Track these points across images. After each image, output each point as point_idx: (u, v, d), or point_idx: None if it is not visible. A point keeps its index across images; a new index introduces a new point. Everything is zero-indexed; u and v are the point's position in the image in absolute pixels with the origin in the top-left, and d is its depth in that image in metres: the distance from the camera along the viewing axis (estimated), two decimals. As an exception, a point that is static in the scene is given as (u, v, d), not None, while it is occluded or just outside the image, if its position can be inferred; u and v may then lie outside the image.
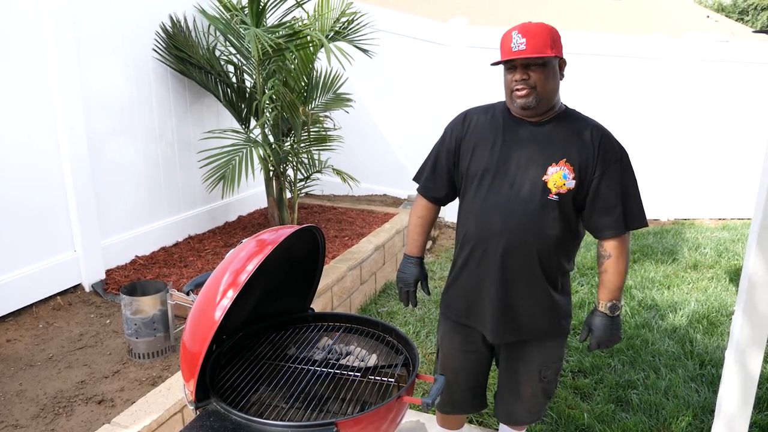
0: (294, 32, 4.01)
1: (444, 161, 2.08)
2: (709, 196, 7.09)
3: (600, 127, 1.95)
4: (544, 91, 1.84)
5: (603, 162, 1.88)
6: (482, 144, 1.97)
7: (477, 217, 1.98)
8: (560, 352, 2.14)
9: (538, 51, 1.77)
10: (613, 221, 1.91)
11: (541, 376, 2.11)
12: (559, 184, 1.87)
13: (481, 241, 1.97)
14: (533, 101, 1.84)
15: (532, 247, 1.92)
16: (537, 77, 1.82)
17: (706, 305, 4.37)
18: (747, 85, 6.74)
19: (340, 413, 1.61)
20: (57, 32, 3.33)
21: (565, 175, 1.87)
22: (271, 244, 1.53)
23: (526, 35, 1.78)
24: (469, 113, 2.07)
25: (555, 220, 1.90)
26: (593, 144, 1.89)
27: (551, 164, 1.88)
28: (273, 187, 4.56)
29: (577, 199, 1.91)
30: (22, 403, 2.50)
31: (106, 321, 3.28)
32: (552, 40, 1.81)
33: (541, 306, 2.01)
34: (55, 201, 3.45)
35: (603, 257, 1.96)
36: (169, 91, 4.34)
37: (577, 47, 6.56)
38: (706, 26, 14.10)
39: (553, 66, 1.84)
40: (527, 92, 1.83)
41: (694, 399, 3.12)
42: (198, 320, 1.49)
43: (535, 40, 1.78)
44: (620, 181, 1.90)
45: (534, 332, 2.05)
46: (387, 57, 5.80)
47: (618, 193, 1.90)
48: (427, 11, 9.75)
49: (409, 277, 2.18)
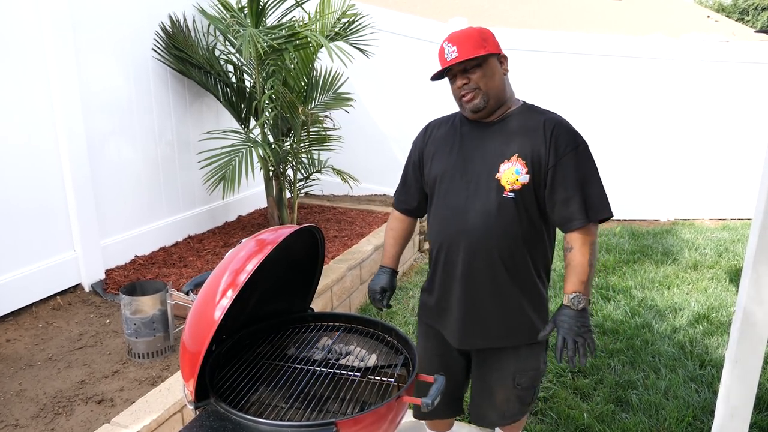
0: (293, 33, 4.01)
1: (411, 173, 2.13)
2: (709, 196, 7.09)
3: (554, 117, 1.91)
4: (489, 89, 1.86)
5: (556, 152, 1.83)
6: (441, 150, 1.99)
7: (438, 220, 1.99)
8: (537, 359, 2.07)
9: (470, 53, 1.80)
10: (572, 212, 1.84)
11: (515, 383, 2.05)
12: (512, 181, 1.84)
13: (443, 243, 1.97)
14: (481, 102, 1.86)
15: (492, 247, 1.88)
16: (478, 78, 1.84)
17: (706, 305, 4.37)
18: (747, 85, 6.74)
19: (339, 413, 1.61)
20: (56, 32, 3.32)
21: (517, 170, 1.84)
22: (271, 244, 1.53)
23: (456, 43, 1.82)
24: (430, 125, 2.12)
25: (514, 218, 1.86)
26: (545, 135, 1.85)
27: (503, 161, 1.86)
28: (273, 187, 4.56)
29: (538, 194, 1.86)
30: (22, 402, 2.50)
31: (105, 321, 3.27)
32: (482, 40, 1.83)
33: (510, 310, 1.96)
34: (54, 201, 3.45)
35: (566, 250, 1.88)
36: (169, 91, 4.33)
37: (576, 47, 6.57)
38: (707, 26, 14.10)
39: (491, 64, 1.86)
40: (473, 95, 1.86)
41: (694, 399, 3.12)
42: (197, 320, 1.49)
43: (464, 45, 1.81)
44: (576, 171, 1.84)
45: (505, 338, 2.00)
46: (387, 57, 5.80)
47: (575, 183, 1.83)
48: (426, 11, 9.75)
49: (375, 285, 2.18)
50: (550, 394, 3.15)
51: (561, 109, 6.65)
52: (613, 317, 4.12)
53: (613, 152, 6.83)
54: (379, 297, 2.16)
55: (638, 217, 7.08)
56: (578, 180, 1.83)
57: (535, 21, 11.81)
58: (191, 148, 4.57)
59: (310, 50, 4.33)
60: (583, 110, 6.68)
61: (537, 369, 2.07)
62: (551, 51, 6.53)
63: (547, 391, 3.17)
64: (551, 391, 3.18)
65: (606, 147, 6.81)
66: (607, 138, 6.79)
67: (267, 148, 4.14)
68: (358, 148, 6.24)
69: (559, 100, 6.59)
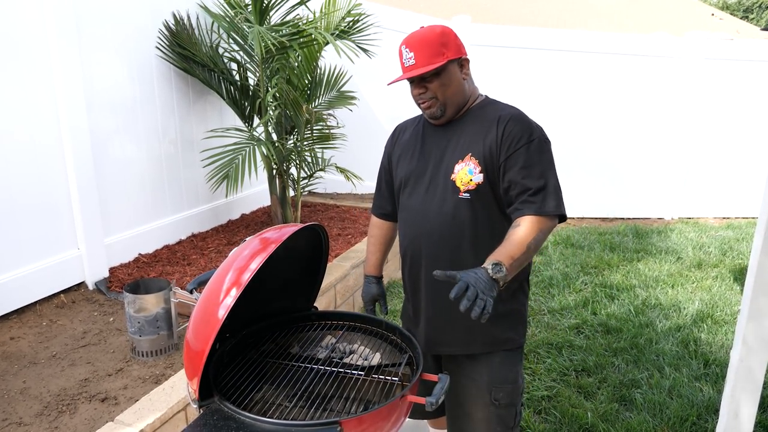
0: (298, 30, 4.00)
1: (383, 177, 2.12)
2: (714, 194, 7.07)
3: (510, 111, 1.82)
4: (447, 97, 1.81)
5: (507, 146, 1.74)
6: (405, 153, 1.97)
7: (402, 223, 1.97)
8: (513, 371, 1.93)
9: (427, 62, 1.74)
10: (522, 202, 1.71)
11: (492, 398, 1.90)
12: (466, 181, 1.78)
13: (407, 246, 1.94)
14: (438, 111, 1.83)
15: (454, 250, 1.82)
16: (435, 87, 1.78)
17: (711, 304, 4.36)
18: (752, 83, 6.72)
19: (343, 412, 1.60)
20: (60, 30, 3.32)
21: (470, 170, 1.78)
22: (275, 243, 1.52)
23: (414, 48, 1.75)
24: (397, 128, 2.10)
25: (473, 219, 1.79)
26: (497, 129, 1.77)
27: (458, 161, 1.81)
28: (276, 185, 4.56)
29: (495, 193, 1.78)
30: (26, 400, 2.50)
31: (109, 319, 3.28)
32: (441, 45, 1.75)
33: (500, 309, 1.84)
34: (58, 199, 3.45)
35: (511, 228, 1.69)
36: (172, 89, 4.33)
37: (580, 45, 6.56)
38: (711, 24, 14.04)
39: (449, 71, 1.79)
40: (430, 103, 1.82)
41: (698, 398, 3.11)
42: (201, 319, 1.48)
43: (422, 52, 1.74)
44: (528, 162, 1.72)
45: (474, 345, 1.90)
46: (390, 55, 5.77)
47: (527, 176, 1.72)
48: (430, 9, 9.73)
49: (366, 296, 2.16)
50: (553, 393, 3.14)
51: (565, 108, 6.65)
52: (616, 316, 4.11)
53: (617, 150, 6.81)
54: (371, 308, 2.15)
55: (642, 215, 7.06)
56: (530, 172, 1.72)
57: (538, 19, 11.78)
58: (195, 146, 4.58)
59: (315, 48, 4.33)
60: (586, 109, 6.66)
61: (515, 382, 1.94)
62: (554, 49, 6.52)
63: (550, 390, 3.17)
64: (555, 389, 3.17)
65: (610, 145, 6.79)
66: (611, 136, 6.77)
67: (270, 147, 4.14)
68: (361, 147, 6.23)
69: (562, 98, 6.58)
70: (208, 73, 4.40)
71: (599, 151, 6.79)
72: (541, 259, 5.35)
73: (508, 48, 6.39)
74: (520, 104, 1.96)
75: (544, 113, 6.58)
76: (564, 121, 6.57)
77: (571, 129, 6.62)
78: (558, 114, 6.54)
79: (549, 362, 3.45)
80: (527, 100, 6.46)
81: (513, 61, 6.39)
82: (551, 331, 3.87)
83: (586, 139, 6.72)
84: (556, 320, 4.05)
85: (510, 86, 6.29)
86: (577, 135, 6.66)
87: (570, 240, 5.93)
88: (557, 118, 6.48)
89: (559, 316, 4.11)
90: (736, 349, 2.23)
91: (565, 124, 6.58)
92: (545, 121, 2.00)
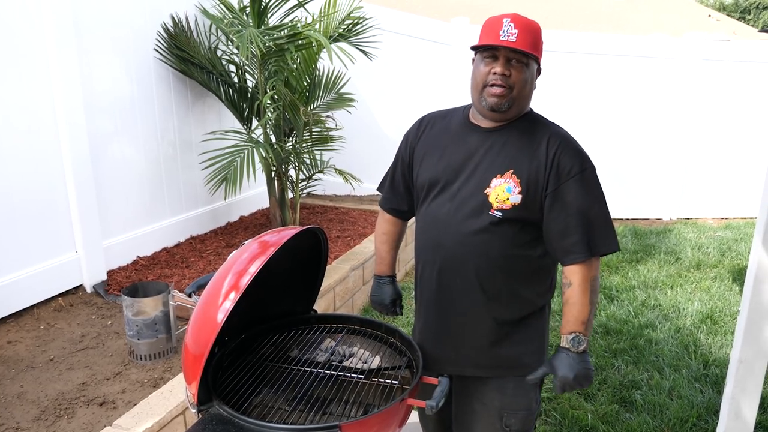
0: (295, 33, 4.00)
1: (400, 172, 1.92)
2: (712, 195, 7.08)
3: (561, 133, 1.71)
4: (520, 96, 1.65)
5: (557, 176, 1.62)
6: (431, 153, 1.78)
7: (420, 232, 1.81)
8: (527, 397, 1.80)
9: (528, 46, 1.58)
10: (572, 244, 1.61)
11: (503, 424, 1.78)
12: (502, 199, 1.62)
13: (421, 257, 1.81)
14: (506, 104, 1.64)
15: (469, 268, 1.68)
16: (517, 77, 1.61)
17: (710, 305, 4.36)
18: (749, 84, 6.73)
19: (343, 416, 1.59)
20: (59, 32, 3.32)
21: (509, 188, 1.62)
22: (274, 246, 1.52)
23: (519, 27, 1.58)
24: (425, 119, 1.90)
25: (499, 239, 1.65)
26: (547, 154, 1.64)
27: (496, 176, 1.64)
28: (275, 187, 4.56)
29: (529, 218, 1.65)
30: (23, 405, 2.49)
31: (107, 322, 3.27)
32: (539, 41, 1.64)
33: (487, 339, 1.74)
34: (56, 201, 3.44)
35: (564, 285, 1.66)
36: (171, 90, 4.33)
37: (578, 47, 6.56)
38: (708, 25, 14.08)
39: (533, 70, 1.67)
40: (503, 92, 1.62)
41: (698, 399, 3.11)
42: (200, 322, 1.48)
43: (527, 36, 1.58)
44: (580, 198, 1.61)
45: (488, 370, 1.78)
46: (389, 57, 5.79)
47: (577, 212, 1.61)
48: (428, 11, 9.74)
49: (386, 298, 2.00)
50: (553, 395, 3.14)
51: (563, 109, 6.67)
52: (616, 317, 4.11)
53: (615, 151, 6.81)
54: (392, 309, 2.00)
55: (641, 216, 7.06)
56: (581, 208, 1.61)
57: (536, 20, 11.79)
58: (193, 148, 4.57)
59: (313, 50, 4.32)
60: (584, 109, 6.66)
61: (528, 409, 1.80)
62: (552, 50, 6.48)
63: (550, 392, 3.16)
64: (555, 391, 3.17)
65: (608, 146, 6.79)
66: (609, 137, 6.77)
67: (269, 149, 4.13)
68: (360, 148, 6.23)
69: (560, 99, 6.58)
70: (207, 75, 4.39)
71: (597, 152, 6.74)
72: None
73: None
74: None
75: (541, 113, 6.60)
76: (561, 122, 6.55)
77: (568, 129, 6.61)
78: (555, 115, 6.49)
79: (549, 364, 3.44)
80: (526, 102, 6.46)
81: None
82: (551, 333, 3.84)
83: (583, 140, 6.69)
84: (555, 322, 4.04)
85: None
86: (574, 135, 6.65)
87: (569, 241, 5.92)
88: (554, 119, 6.47)
89: (559, 318, 4.11)
90: (736, 350, 2.23)
91: (562, 125, 6.57)
92: None
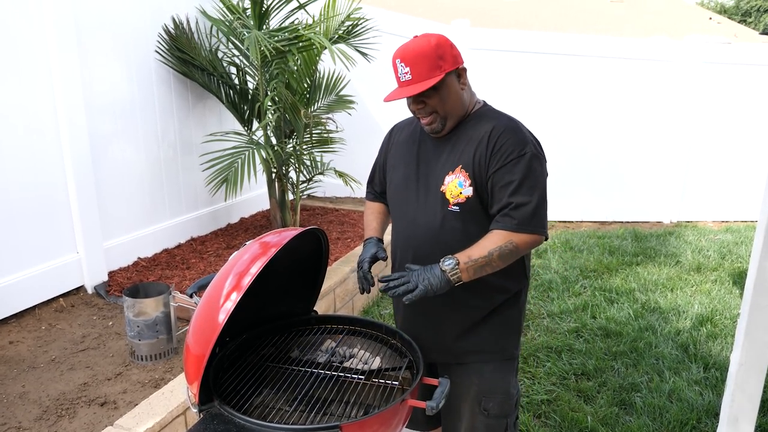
0: (296, 35, 4.01)
1: (378, 172, 2.10)
2: (712, 198, 7.07)
3: (504, 123, 1.74)
4: (447, 111, 1.73)
5: (497, 160, 1.68)
6: (399, 157, 1.92)
7: (394, 230, 1.95)
8: (505, 381, 1.88)
9: (425, 77, 1.65)
10: (501, 216, 1.68)
11: (482, 408, 1.86)
12: (455, 194, 1.73)
13: (396, 254, 1.92)
14: (439, 125, 1.75)
15: (438, 260, 1.70)
16: (434, 102, 1.71)
17: (710, 308, 4.36)
18: (750, 87, 6.73)
19: (343, 416, 1.60)
20: (60, 34, 3.33)
21: (460, 183, 1.72)
22: (275, 247, 1.52)
23: (409, 62, 1.66)
24: (394, 129, 2.05)
25: (461, 232, 1.75)
26: (489, 142, 1.70)
27: (448, 173, 1.75)
28: (275, 188, 4.56)
29: (485, 207, 1.74)
30: (25, 405, 2.50)
31: (108, 323, 3.27)
32: (437, 58, 1.66)
33: (464, 325, 1.84)
34: (57, 203, 3.45)
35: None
36: (172, 92, 4.34)
37: (578, 49, 6.57)
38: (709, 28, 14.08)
39: (448, 84, 1.71)
40: (430, 119, 1.74)
41: (698, 402, 3.11)
42: (201, 323, 1.48)
43: (418, 67, 1.65)
44: (514, 178, 1.66)
45: (465, 355, 1.87)
46: (389, 59, 5.79)
47: (511, 192, 1.66)
48: (429, 13, 9.75)
49: (363, 255, 1.94)
50: (553, 397, 3.14)
51: (564, 112, 6.65)
52: (616, 319, 4.11)
53: (616, 154, 6.81)
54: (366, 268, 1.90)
55: (641, 219, 7.06)
56: (514, 188, 1.66)
57: (537, 23, 11.81)
58: (194, 149, 4.58)
59: (314, 52, 4.33)
60: (585, 112, 6.67)
61: (506, 393, 1.88)
62: (553, 53, 6.52)
63: (550, 394, 3.16)
64: (554, 393, 3.17)
65: (609, 149, 6.80)
66: (610, 140, 6.78)
67: (269, 150, 4.14)
68: (360, 151, 6.22)
69: (561, 102, 6.59)
70: (208, 76, 4.40)
71: (598, 154, 6.80)
72: (540, 262, 5.35)
73: (507, 52, 6.40)
74: (519, 108, 1.94)
75: (542, 117, 6.60)
76: (563, 124, 6.58)
77: (570, 133, 6.63)
78: (557, 118, 6.54)
79: (548, 366, 3.45)
80: (526, 104, 6.47)
81: (512, 65, 6.40)
82: (551, 335, 3.87)
83: (585, 142, 6.72)
84: (555, 324, 4.05)
85: (508, 90, 6.30)
86: (576, 139, 6.67)
87: (569, 244, 5.93)
88: (556, 122, 6.49)
89: (559, 320, 4.11)
90: (736, 353, 2.23)
91: (564, 128, 6.58)
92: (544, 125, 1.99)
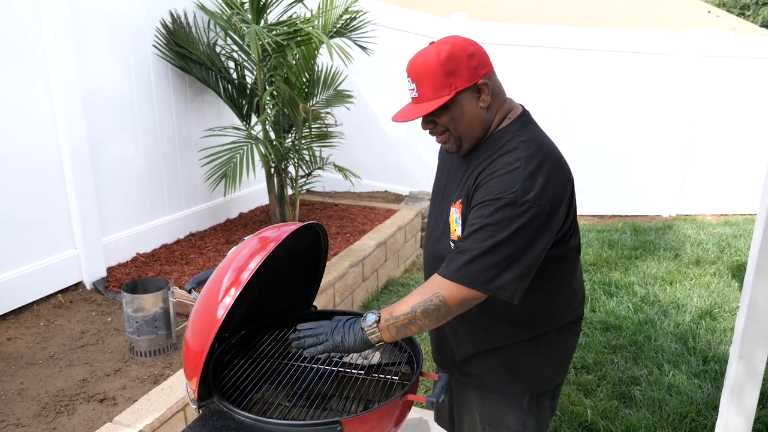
0: (295, 29, 3.99)
1: None
2: (711, 191, 7.07)
3: (509, 158, 1.46)
4: (460, 132, 1.53)
5: (477, 197, 1.46)
6: (441, 163, 1.80)
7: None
8: (509, 415, 1.70)
9: (433, 96, 1.47)
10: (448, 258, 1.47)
11: None
12: (452, 230, 1.56)
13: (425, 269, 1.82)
14: (454, 146, 1.56)
15: None
16: (445, 121, 1.52)
17: (709, 301, 4.36)
18: (749, 80, 6.72)
19: (343, 411, 1.60)
20: (56, 28, 3.31)
21: (456, 219, 1.55)
22: (274, 242, 1.52)
23: (415, 78, 1.49)
24: None
25: None
26: (479, 177, 1.49)
27: (453, 204, 1.58)
28: (274, 183, 4.55)
29: None
30: (24, 401, 2.49)
31: (107, 319, 3.27)
32: (447, 74, 1.45)
33: (478, 347, 1.69)
34: (55, 198, 3.44)
35: None
36: (170, 87, 4.32)
37: (577, 43, 6.55)
38: (708, 21, 14.04)
39: (461, 102, 1.49)
40: (444, 138, 1.57)
41: (697, 395, 3.11)
42: (200, 318, 1.48)
43: (425, 84, 1.47)
44: (475, 221, 1.43)
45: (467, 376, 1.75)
46: (388, 53, 5.77)
47: (467, 232, 1.44)
48: (428, 7, 9.71)
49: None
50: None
51: (562, 105, 6.64)
52: (615, 313, 4.12)
53: (614, 148, 6.81)
54: None
55: (639, 212, 7.06)
56: (471, 230, 1.43)
57: (536, 16, 11.77)
58: (193, 144, 4.56)
59: (312, 46, 4.32)
60: (584, 106, 6.66)
61: (509, 428, 1.70)
62: (552, 46, 6.51)
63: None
64: (554, 387, 3.17)
65: (608, 143, 6.79)
66: (608, 134, 6.77)
67: (268, 145, 4.13)
68: (359, 145, 6.23)
69: (559, 96, 6.58)
70: (206, 71, 4.39)
71: (597, 148, 6.79)
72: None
73: (506, 45, 6.38)
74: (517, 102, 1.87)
75: (541, 111, 6.58)
76: (561, 118, 6.57)
77: (568, 126, 6.62)
78: (555, 111, 6.53)
79: (548, 360, 3.45)
80: (524, 98, 6.45)
81: (510, 59, 6.38)
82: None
83: (583, 136, 6.71)
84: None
85: (507, 84, 6.27)
86: (574, 132, 6.66)
87: (568, 237, 5.92)
88: (554, 116, 6.48)
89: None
90: (735, 346, 2.23)
91: (563, 122, 6.57)
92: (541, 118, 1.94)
